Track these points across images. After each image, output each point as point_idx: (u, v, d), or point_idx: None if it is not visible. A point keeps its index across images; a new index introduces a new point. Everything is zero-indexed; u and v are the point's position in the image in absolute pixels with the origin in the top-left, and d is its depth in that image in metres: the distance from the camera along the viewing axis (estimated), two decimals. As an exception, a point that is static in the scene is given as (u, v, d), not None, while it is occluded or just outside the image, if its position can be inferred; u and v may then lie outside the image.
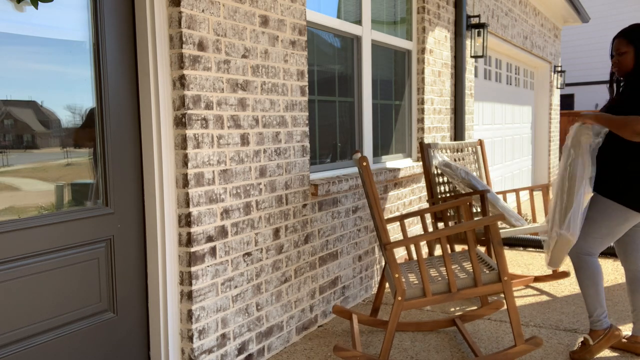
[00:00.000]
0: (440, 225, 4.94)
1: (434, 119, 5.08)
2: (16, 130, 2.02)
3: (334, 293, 3.58)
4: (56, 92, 2.13)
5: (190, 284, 2.48)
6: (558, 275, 4.26)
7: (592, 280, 2.83)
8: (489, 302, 3.47)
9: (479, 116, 6.89)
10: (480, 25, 5.61)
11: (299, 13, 3.15)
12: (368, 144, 4.17)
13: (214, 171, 2.57)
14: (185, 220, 2.46)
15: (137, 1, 2.37)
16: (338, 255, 3.60)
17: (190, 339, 2.51)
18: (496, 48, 7.27)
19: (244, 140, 2.75)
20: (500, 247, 2.65)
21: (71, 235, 2.17)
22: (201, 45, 2.47)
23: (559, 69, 10.34)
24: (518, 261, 4.97)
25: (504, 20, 6.99)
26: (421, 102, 4.86)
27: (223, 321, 2.67)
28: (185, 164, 2.43)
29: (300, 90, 3.17)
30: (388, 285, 3.90)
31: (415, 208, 4.77)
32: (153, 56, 2.37)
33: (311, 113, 3.53)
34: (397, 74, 4.66)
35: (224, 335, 2.68)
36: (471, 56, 5.76)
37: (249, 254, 2.81)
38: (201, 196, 2.50)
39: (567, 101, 19.16)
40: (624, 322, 3.39)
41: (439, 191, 4.29)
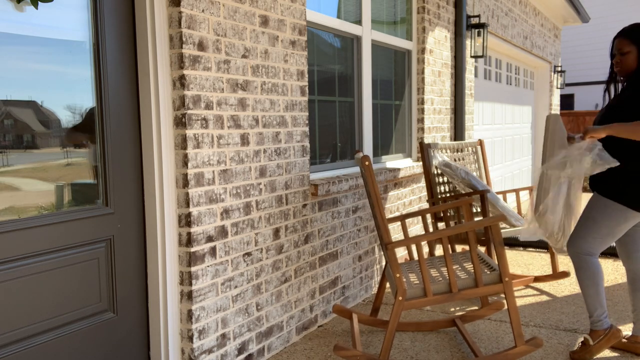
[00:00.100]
0: (440, 225, 4.94)
1: (434, 119, 5.08)
2: (16, 130, 2.02)
3: (334, 293, 3.58)
4: (56, 92, 2.12)
5: (190, 284, 2.48)
6: (558, 275, 4.26)
7: (593, 280, 2.83)
8: (489, 303, 3.47)
9: (479, 116, 6.89)
10: (480, 25, 5.60)
11: (299, 13, 3.15)
12: (368, 144, 4.16)
13: (214, 171, 2.57)
14: (185, 220, 2.45)
15: (137, 1, 2.37)
16: (338, 255, 3.60)
17: (190, 339, 2.51)
18: (496, 48, 7.26)
19: (244, 140, 2.75)
20: (502, 248, 2.65)
21: (71, 235, 2.17)
22: (201, 45, 2.47)
23: (559, 69, 10.34)
24: (518, 261, 4.97)
25: (504, 20, 6.99)
26: (421, 102, 4.86)
27: (223, 321, 2.67)
28: (185, 164, 2.43)
29: (300, 90, 3.16)
30: (389, 285, 3.90)
31: (415, 208, 4.77)
32: (153, 56, 2.36)
33: (311, 113, 3.53)
34: (397, 74, 4.66)
35: (224, 335, 2.68)
36: (471, 56, 5.76)
37: (249, 254, 2.81)
38: (201, 196, 2.50)
39: (567, 101, 19.17)
40: (624, 322, 3.39)
41: (439, 191, 4.29)
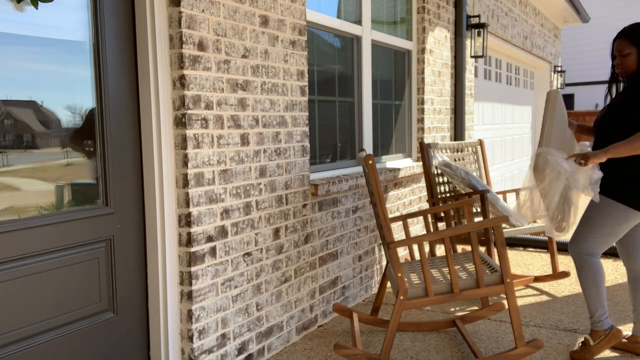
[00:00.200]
0: (441, 225, 4.94)
1: (434, 119, 5.08)
2: (16, 130, 2.01)
3: (334, 293, 3.58)
4: (56, 92, 2.12)
5: (190, 284, 2.47)
6: (558, 275, 4.26)
7: (594, 280, 2.83)
8: (489, 304, 3.47)
9: (479, 116, 6.89)
10: (480, 25, 5.60)
11: (299, 13, 3.15)
12: (368, 144, 4.16)
13: (214, 171, 2.56)
14: (185, 220, 2.45)
15: (137, 1, 2.37)
16: (338, 255, 3.60)
17: (190, 339, 2.50)
18: (496, 48, 7.26)
19: (244, 140, 2.74)
20: (504, 249, 2.64)
21: (71, 235, 2.17)
22: (201, 45, 2.47)
23: (559, 69, 10.34)
24: (518, 261, 4.97)
25: (504, 20, 6.99)
26: (421, 102, 4.86)
27: (223, 321, 2.67)
28: (185, 164, 2.42)
29: (300, 90, 3.16)
30: (389, 284, 3.90)
31: (415, 208, 4.77)
32: (153, 56, 2.36)
33: (311, 113, 3.53)
34: (397, 74, 4.66)
35: (224, 335, 2.68)
36: (471, 56, 5.76)
37: (249, 254, 2.81)
38: (201, 196, 2.50)
39: (567, 101, 19.17)
40: (624, 322, 3.39)
41: (439, 191, 4.29)
